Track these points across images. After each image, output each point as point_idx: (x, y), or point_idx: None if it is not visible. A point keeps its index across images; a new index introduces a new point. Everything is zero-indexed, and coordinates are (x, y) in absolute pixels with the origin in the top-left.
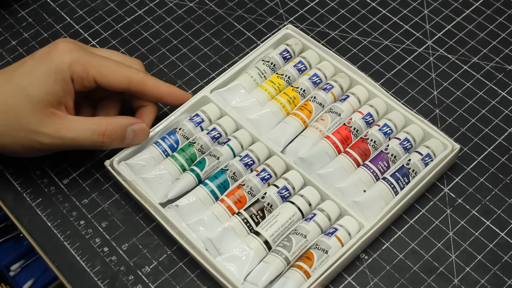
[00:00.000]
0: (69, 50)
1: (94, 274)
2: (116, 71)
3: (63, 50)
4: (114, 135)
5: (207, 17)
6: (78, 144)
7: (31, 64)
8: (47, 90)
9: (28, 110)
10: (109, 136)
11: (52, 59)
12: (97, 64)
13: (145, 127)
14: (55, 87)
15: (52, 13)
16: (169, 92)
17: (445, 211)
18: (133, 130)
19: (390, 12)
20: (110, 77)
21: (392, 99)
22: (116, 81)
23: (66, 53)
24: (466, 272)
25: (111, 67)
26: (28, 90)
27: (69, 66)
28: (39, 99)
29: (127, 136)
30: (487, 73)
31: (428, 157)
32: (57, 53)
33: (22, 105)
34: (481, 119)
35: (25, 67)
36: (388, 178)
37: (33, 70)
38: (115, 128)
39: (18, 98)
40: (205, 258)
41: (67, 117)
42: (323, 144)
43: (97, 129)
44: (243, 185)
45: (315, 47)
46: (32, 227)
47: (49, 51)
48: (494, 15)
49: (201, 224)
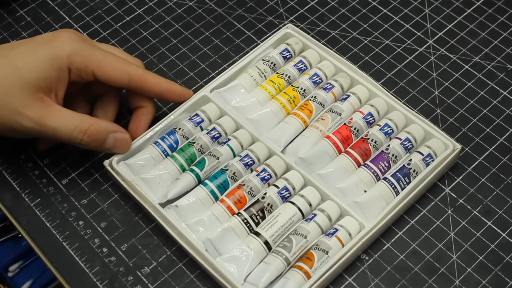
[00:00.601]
0: (71, 40)
1: (93, 274)
2: (116, 66)
3: (65, 39)
4: (94, 136)
5: (207, 16)
6: (58, 136)
7: (30, 46)
8: (40, 75)
9: (17, 91)
10: (90, 136)
11: (52, 45)
12: (97, 58)
13: (127, 138)
14: (49, 73)
15: (51, 12)
16: (169, 88)
17: (446, 211)
18: (115, 137)
19: (391, 11)
20: (109, 72)
21: (393, 99)
22: (116, 76)
23: (67, 43)
24: (468, 272)
25: (111, 62)
26: (21, 71)
27: (68, 55)
28: (30, 82)
29: (107, 141)
30: (489, 73)
31: (429, 157)
32: (58, 41)
33: (12, 85)
34: (483, 119)
35: (23, 47)
36: (389, 178)
37: (30, 53)
38: (98, 130)
39: (11, 77)
40: (204, 258)
41: (54, 106)
42: (324, 144)
43: (79, 126)
44: (243, 185)
45: (315, 47)
46: (31, 227)
47: (51, 38)
48: (496, 14)
49: (201, 225)
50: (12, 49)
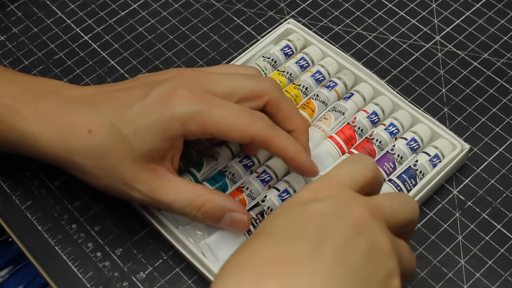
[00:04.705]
0: (184, 102)
1: (87, 280)
2: (237, 128)
3: (178, 103)
4: (209, 214)
5: (205, 11)
6: (171, 209)
7: (140, 111)
8: (151, 146)
9: (126, 163)
10: (204, 213)
11: (163, 113)
12: (215, 120)
13: (245, 220)
14: (162, 144)
15: (43, 7)
16: (294, 158)
17: (454, 214)
18: (231, 217)
19: (396, 6)
20: (230, 135)
21: (399, 97)
22: (236, 138)
23: (180, 107)
24: (476, 278)
25: (231, 123)
26: (132, 143)
27: (183, 124)
28: (141, 154)
29: (223, 220)
30: (498, 70)
31: (436, 158)
32: (170, 107)
33: (122, 157)
34: (492, 118)
35: (133, 112)
36: (394, 180)
37: (140, 120)
38: (214, 207)
39: (120, 149)
40: (203, 264)
41: (167, 177)
42: (326, 145)
43: (194, 202)
44: (243, 188)
45: (318, 43)
46: (22, 231)
47: (162, 100)
48: (505, 9)
49: (198, 228)
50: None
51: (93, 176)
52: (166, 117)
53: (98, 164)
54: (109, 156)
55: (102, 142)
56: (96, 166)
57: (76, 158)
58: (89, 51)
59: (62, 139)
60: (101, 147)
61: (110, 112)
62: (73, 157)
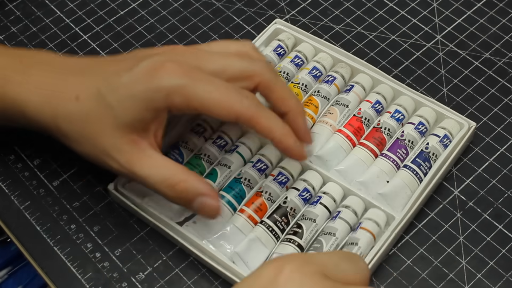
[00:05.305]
0: (171, 75)
1: (86, 280)
2: (222, 105)
3: (164, 75)
4: (183, 194)
5: (205, 11)
6: (145, 184)
7: (127, 81)
8: (134, 116)
9: (109, 131)
10: (177, 192)
11: (149, 85)
12: (200, 95)
13: (216, 207)
14: (144, 115)
15: (42, 6)
16: (281, 140)
17: (455, 214)
18: (202, 201)
19: (397, 5)
20: (214, 111)
21: (397, 83)
22: (220, 115)
23: (166, 79)
24: (478, 279)
25: (216, 99)
26: (116, 111)
27: (167, 95)
28: (124, 123)
29: (195, 203)
30: (500, 70)
31: (446, 138)
32: (156, 78)
33: (105, 125)
34: (493, 117)
35: (120, 81)
36: (409, 165)
37: (126, 89)
38: (187, 188)
39: (104, 117)
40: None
41: (147, 151)
42: (337, 139)
43: (169, 179)
44: (261, 192)
45: (308, 39)
46: (20, 231)
47: (149, 73)
48: (507, 8)
49: (223, 239)
50: (103, 78)
51: (76, 142)
52: (151, 88)
53: (82, 130)
54: (93, 123)
55: (88, 109)
56: (80, 133)
57: (61, 124)
58: (88, 50)
59: (51, 106)
60: (87, 114)
61: (98, 81)
62: (59, 122)
